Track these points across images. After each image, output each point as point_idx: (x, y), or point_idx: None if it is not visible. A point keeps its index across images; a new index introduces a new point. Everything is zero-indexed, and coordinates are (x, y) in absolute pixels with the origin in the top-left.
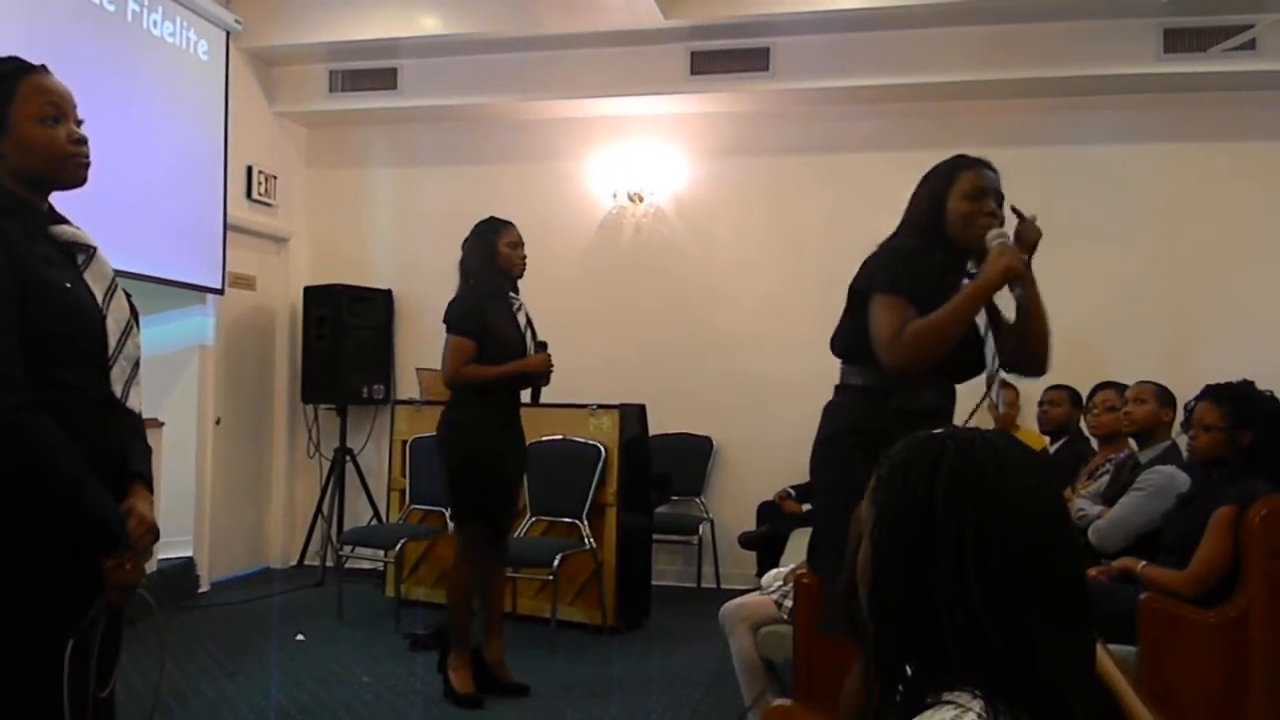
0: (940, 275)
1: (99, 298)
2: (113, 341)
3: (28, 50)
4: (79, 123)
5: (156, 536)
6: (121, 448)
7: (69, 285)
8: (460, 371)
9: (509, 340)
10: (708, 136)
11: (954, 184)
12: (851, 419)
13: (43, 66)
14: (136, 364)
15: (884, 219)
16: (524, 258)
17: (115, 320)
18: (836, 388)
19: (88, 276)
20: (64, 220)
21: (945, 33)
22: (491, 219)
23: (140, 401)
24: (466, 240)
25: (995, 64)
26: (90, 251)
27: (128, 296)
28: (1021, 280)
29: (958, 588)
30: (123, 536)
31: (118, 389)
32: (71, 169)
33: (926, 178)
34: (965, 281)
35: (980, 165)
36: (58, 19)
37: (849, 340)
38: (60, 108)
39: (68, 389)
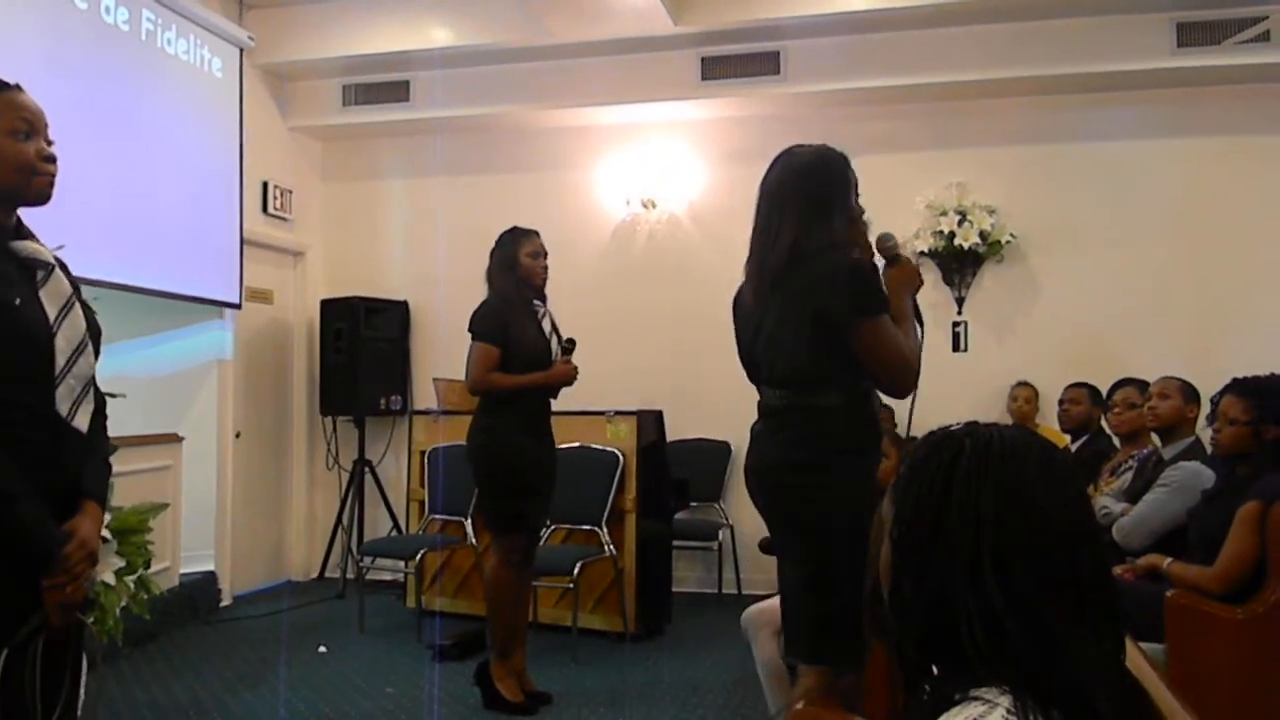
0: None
1: (51, 316)
2: (61, 361)
3: (44, 70)
4: (50, 142)
5: (94, 561)
6: (74, 466)
7: (17, 303)
8: (484, 378)
9: (533, 348)
10: (720, 141)
11: (850, 190)
12: (833, 441)
13: (16, 85)
14: (88, 383)
15: (899, 219)
16: (545, 268)
17: (66, 339)
18: (789, 410)
19: (43, 294)
20: (29, 235)
21: (956, 32)
22: (514, 229)
23: (86, 420)
24: (493, 249)
25: (1007, 62)
26: (49, 269)
27: (91, 315)
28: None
29: (974, 586)
30: (54, 558)
31: (64, 408)
32: (37, 185)
33: (829, 182)
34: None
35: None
36: (73, 39)
37: (815, 360)
38: (32, 124)
39: (9, 406)
